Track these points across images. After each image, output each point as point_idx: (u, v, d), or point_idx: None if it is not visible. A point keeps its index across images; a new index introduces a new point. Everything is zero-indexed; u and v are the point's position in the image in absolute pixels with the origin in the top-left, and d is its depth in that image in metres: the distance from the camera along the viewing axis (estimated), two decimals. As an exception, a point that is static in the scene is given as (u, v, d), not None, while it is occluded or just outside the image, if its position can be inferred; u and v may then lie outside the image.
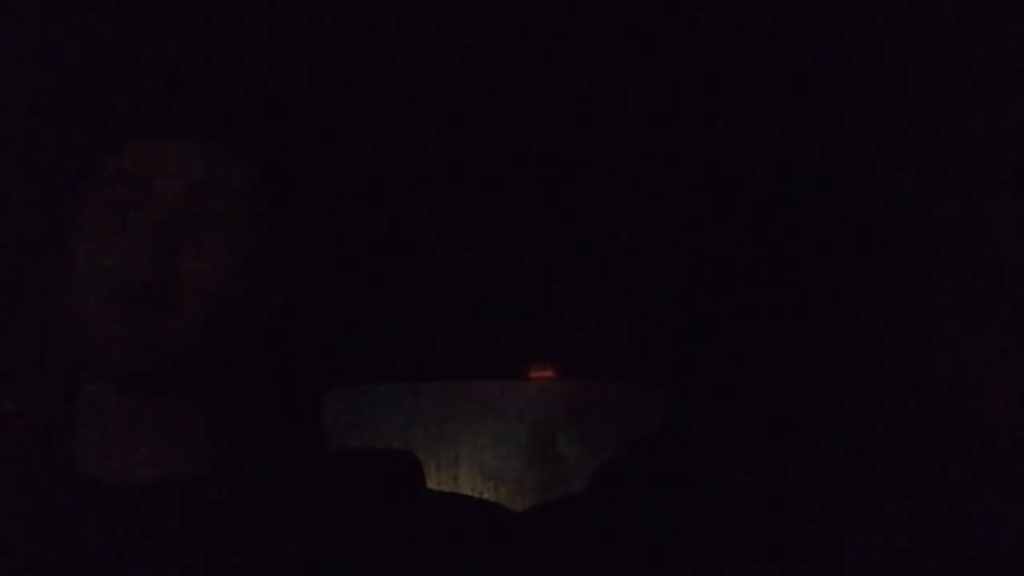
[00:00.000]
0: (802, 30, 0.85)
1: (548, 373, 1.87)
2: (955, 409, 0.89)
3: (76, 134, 0.87)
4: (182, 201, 0.73)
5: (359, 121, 0.99)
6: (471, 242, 1.28)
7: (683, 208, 1.17)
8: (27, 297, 0.91)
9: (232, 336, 0.75)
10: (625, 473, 1.09)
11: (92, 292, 0.70)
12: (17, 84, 0.89)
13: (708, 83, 0.93)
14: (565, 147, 1.06)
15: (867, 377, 0.93)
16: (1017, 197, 0.85)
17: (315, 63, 0.93)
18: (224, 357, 0.75)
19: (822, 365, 0.95)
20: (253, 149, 0.79)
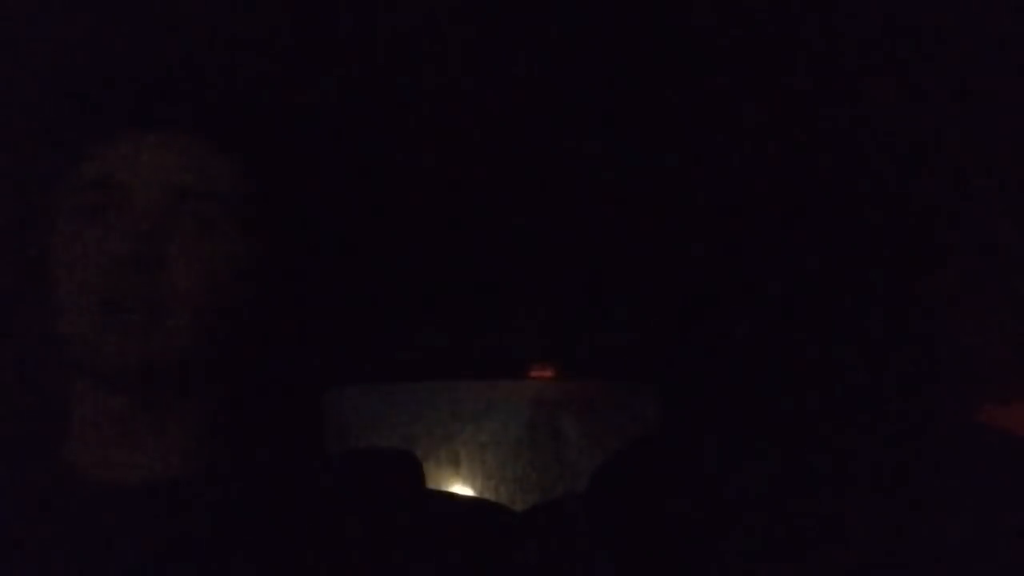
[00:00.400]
0: (801, 29, 0.85)
1: (548, 373, 1.87)
2: (956, 409, 0.89)
3: (50, 135, 0.86)
4: (165, 207, 0.72)
5: (354, 118, 0.99)
6: (471, 242, 1.28)
7: (683, 208, 1.17)
8: (19, 297, 0.90)
9: (226, 338, 0.74)
10: (625, 473, 1.09)
11: (75, 298, 0.70)
12: None
13: (706, 83, 0.93)
14: (566, 147, 1.06)
15: (867, 377, 0.93)
16: (1018, 196, 0.85)
17: (304, 57, 0.92)
18: (217, 359, 0.75)
19: (822, 365, 0.95)
20: (241, 151, 0.78)
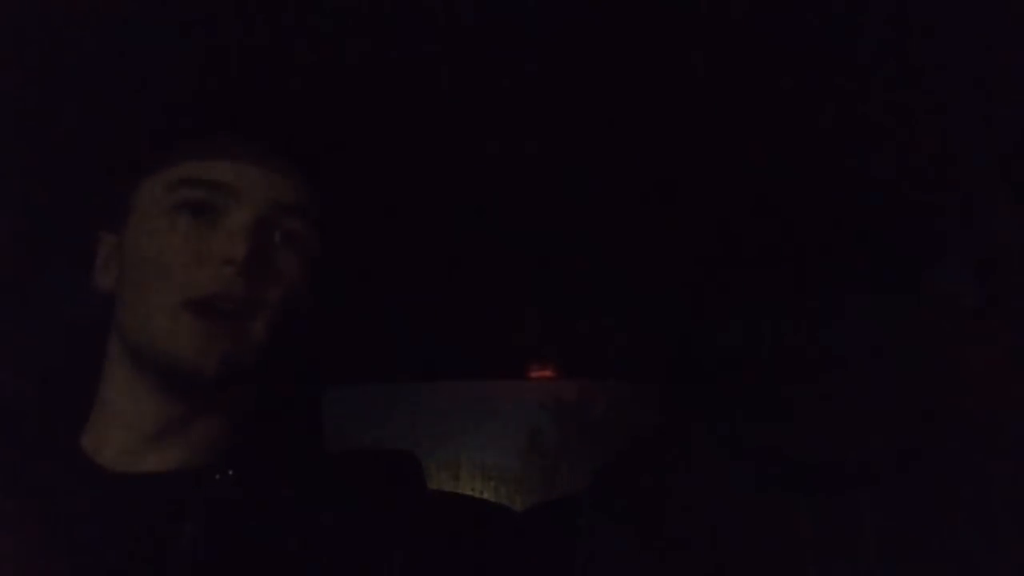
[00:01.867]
0: (800, 28, 0.85)
1: (548, 373, 1.87)
2: (956, 410, 0.89)
3: (140, 134, 0.85)
4: (267, 217, 0.73)
5: (364, 119, 0.99)
6: (471, 241, 1.28)
7: (683, 207, 1.17)
8: (55, 279, 0.90)
9: (283, 346, 0.76)
10: (626, 473, 1.09)
11: (161, 293, 0.70)
12: (94, 78, 0.85)
13: (704, 81, 0.93)
14: (566, 146, 1.06)
15: (866, 377, 0.93)
16: (1018, 195, 0.85)
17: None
18: (271, 364, 0.75)
19: (821, 365, 0.95)
20: (320, 171, 0.80)
